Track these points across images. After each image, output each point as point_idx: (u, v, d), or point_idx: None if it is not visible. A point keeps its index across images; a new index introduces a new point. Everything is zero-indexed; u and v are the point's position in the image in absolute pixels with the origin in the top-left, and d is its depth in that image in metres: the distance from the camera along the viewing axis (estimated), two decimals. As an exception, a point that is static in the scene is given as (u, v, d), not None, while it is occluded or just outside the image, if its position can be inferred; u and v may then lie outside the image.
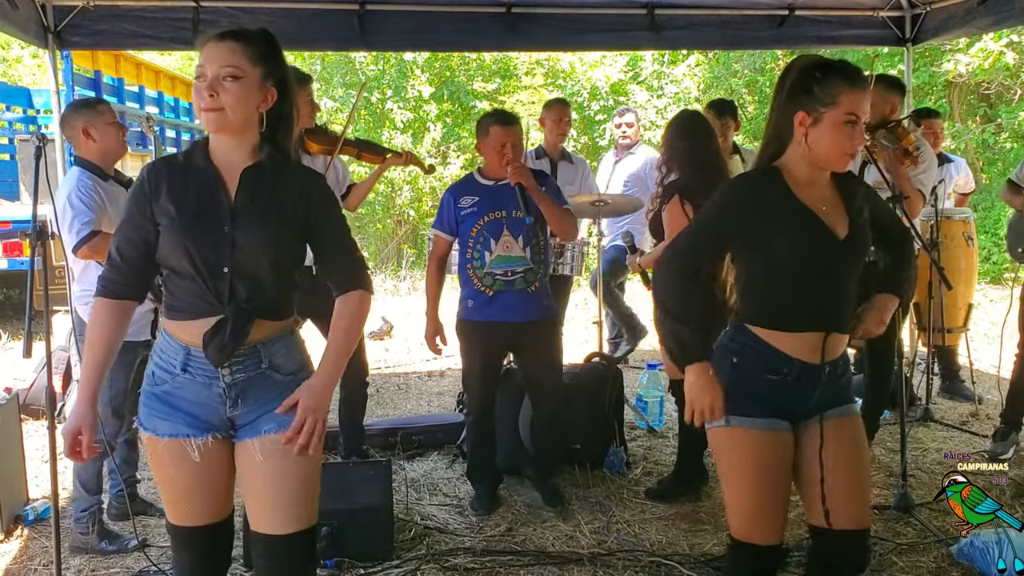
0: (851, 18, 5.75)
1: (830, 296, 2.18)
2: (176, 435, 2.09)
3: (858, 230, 2.21)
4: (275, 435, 2.08)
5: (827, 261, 2.17)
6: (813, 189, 2.19)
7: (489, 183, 3.76)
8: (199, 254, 2.02)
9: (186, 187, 2.05)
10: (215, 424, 2.11)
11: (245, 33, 2.04)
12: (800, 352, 2.18)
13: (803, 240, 2.16)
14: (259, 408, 2.11)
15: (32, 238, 2.95)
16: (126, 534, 3.59)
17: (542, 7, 5.34)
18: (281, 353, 2.14)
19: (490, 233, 3.68)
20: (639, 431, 5.00)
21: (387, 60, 13.82)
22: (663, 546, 3.51)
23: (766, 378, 2.20)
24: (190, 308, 2.06)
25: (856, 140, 2.12)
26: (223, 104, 1.98)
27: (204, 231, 2.03)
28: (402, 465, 4.43)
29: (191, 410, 2.09)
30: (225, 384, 2.08)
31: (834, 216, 2.19)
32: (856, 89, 2.12)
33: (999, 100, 12.76)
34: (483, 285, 3.72)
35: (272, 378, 2.12)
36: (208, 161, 2.07)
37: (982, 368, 5.60)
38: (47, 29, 4.95)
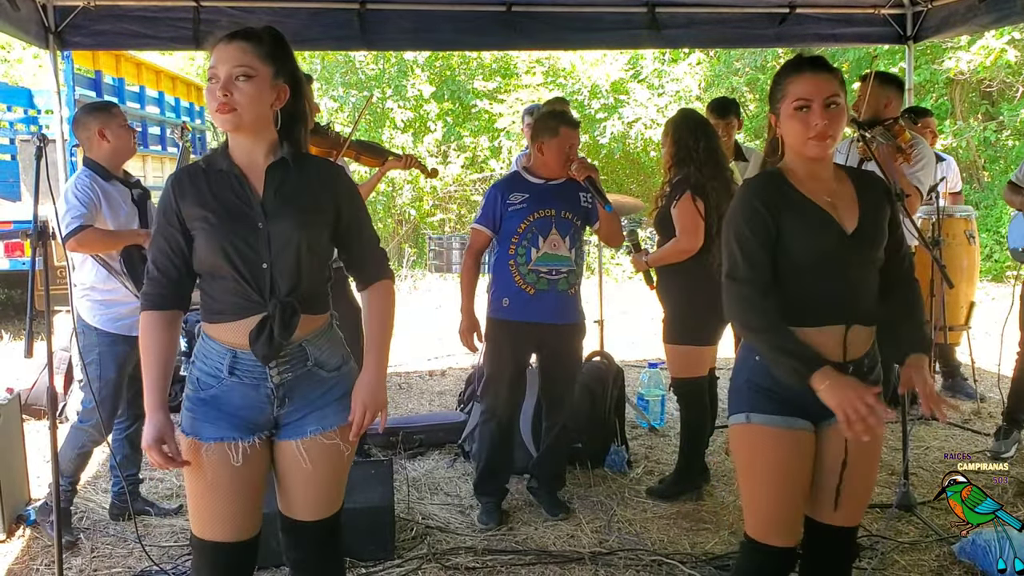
0: (852, 16, 5.74)
1: (846, 288, 2.16)
2: (221, 438, 2.08)
3: (869, 223, 2.19)
4: (320, 436, 2.12)
5: (837, 254, 2.15)
6: (816, 183, 2.19)
7: (539, 181, 3.71)
8: (237, 253, 2.04)
9: (212, 190, 2.07)
10: (260, 425, 2.12)
11: (254, 32, 2.05)
12: (822, 348, 2.14)
13: (812, 233, 2.15)
14: (305, 407, 2.13)
15: (33, 238, 2.95)
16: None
17: (542, 6, 5.34)
18: (325, 349, 2.16)
19: (539, 230, 3.63)
20: (640, 430, 5.01)
21: (387, 59, 13.83)
22: (664, 545, 3.50)
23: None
24: (231, 308, 2.07)
25: (813, 121, 2.10)
26: (236, 104, 1.99)
27: (239, 230, 2.04)
28: (403, 464, 4.43)
29: (238, 413, 2.10)
30: (273, 384, 2.09)
31: (843, 209, 2.18)
32: (801, 74, 2.13)
33: (1001, 98, 12.75)
34: (525, 283, 3.65)
35: (318, 375, 2.14)
36: (230, 162, 2.08)
37: (983, 366, 5.60)
38: (48, 29, 4.96)
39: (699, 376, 3.98)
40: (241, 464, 2.09)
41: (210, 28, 5.08)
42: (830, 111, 2.10)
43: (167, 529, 3.72)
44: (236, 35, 2.03)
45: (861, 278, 2.19)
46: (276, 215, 2.06)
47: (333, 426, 2.13)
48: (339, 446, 2.14)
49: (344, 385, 2.17)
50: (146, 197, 3.67)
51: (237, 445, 2.09)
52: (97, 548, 3.56)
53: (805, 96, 2.11)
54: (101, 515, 3.87)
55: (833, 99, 2.11)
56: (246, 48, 2.01)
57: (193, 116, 11.06)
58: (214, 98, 2.00)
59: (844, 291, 2.16)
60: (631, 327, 7.60)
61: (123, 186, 3.57)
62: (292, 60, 2.11)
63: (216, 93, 1.99)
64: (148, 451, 2.06)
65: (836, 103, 2.11)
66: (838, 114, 2.12)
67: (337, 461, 2.17)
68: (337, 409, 2.14)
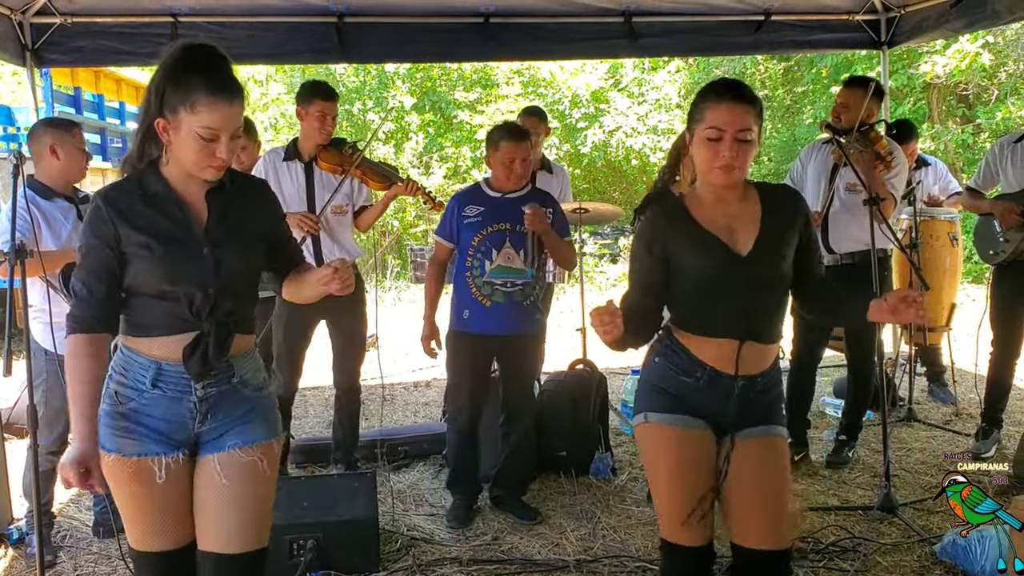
0: (827, 22, 5.79)
1: (740, 307, 2.21)
2: (145, 454, 2.06)
3: (765, 243, 2.21)
4: (238, 451, 2.10)
5: (729, 277, 2.20)
6: (717, 206, 2.24)
7: (496, 195, 3.77)
8: (181, 279, 2.03)
9: (151, 214, 2.04)
10: (182, 441, 2.10)
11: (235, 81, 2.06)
12: (715, 359, 2.23)
13: (702, 260, 2.22)
14: (226, 423, 2.12)
15: (11, 256, 2.95)
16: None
17: (519, 17, 5.36)
18: (249, 368, 2.18)
19: (492, 244, 3.70)
20: (625, 437, 5.02)
21: (367, 71, 13.85)
22: (649, 551, 3.51)
23: (680, 379, 2.26)
24: (162, 324, 2.06)
25: (721, 152, 2.13)
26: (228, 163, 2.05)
27: (183, 257, 2.03)
28: (387, 476, 4.42)
29: (159, 427, 2.08)
30: (196, 398, 2.08)
31: (740, 232, 2.22)
32: (721, 103, 2.14)
33: (977, 101, 12.89)
34: (481, 294, 3.72)
35: (241, 393, 2.15)
36: (165, 186, 2.06)
37: (964, 367, 5.65)
38: (24, 47, 4.93)
39: None
40: (165, 480, 2.07)
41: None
42: (740, 144, 2.13)
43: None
44: (237, 92, 2.00)
45: (755, 297, 2.22)
46: (222, 243, 2.07)
47: (253, 442, 2.11)
48: (257, 463, 2.11)
49: (266, 404, 2.20)
50: None
51: (160, 460, 2.07)
52: (80, 566, 3.54)
53: (719, 126, 2.13)
54: (84, 532, 3.85)
55: (745, 132, 2.13)
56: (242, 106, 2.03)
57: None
58: (211, 157, 1.99)
59: (737, 309, 2.20)
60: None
61: (67, 202, 3.51)
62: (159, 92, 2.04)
63: (216, 154, 1.99)
64: (63, 470, 1.99)
65: (747, 138, 2.14)
66: (747, 148, 2.15)
67: (256, 480, 2.11)
68: (258, 426, 2.14)
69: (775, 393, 2.33)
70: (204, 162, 2.00)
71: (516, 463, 3.99)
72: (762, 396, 2.28)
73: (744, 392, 2.24)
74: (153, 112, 2.00)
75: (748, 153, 2.16)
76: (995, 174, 4.45)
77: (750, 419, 2.26)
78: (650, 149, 13.56)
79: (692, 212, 2.25)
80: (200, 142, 1.97)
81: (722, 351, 2.22)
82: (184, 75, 1.95)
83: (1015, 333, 4.36)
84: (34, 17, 4.93)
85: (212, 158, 1.99)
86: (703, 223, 2.23)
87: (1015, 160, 4.30)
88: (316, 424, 5.45)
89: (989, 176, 4.50)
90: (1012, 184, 4.32)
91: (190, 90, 1.94)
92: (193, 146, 1.98)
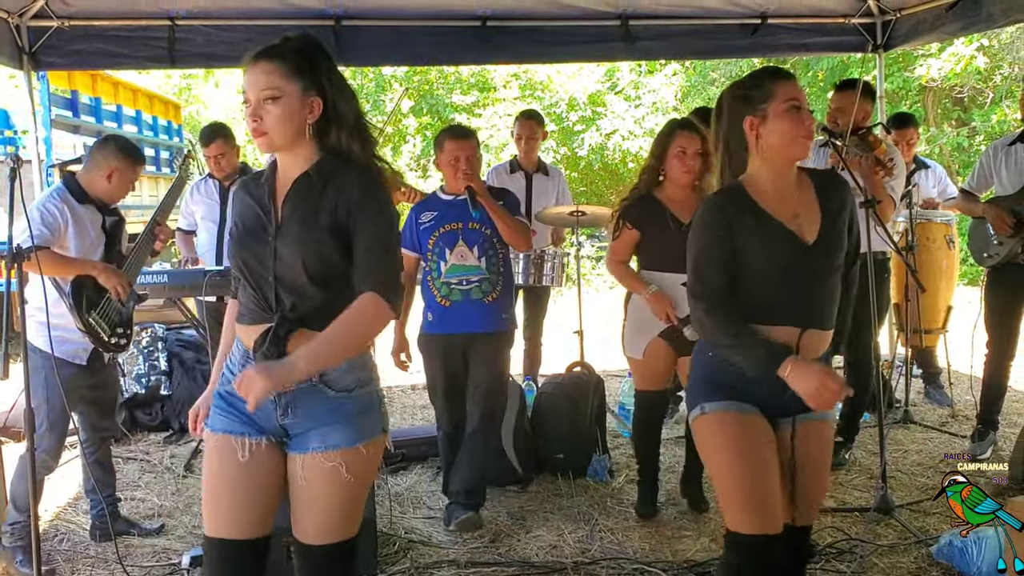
0: (823, 25, 5.81)
1: (805, 295, 2.23)
2: (229, 431, 2.09)
3: (829, 232, 2.25)
4: (319, 455, 2.06)
5: (798, 266, 2.22)
6: (780, 196, 2.25)
7: (449, 198, 3.82)
8: (248, 265, 2.09)
9: (250, 201, 2.14)
10: (268, 429, 2.11)
11: (278, 49, 2.04)
12: None
13: (773, 250, 2.22)
14: (309, 422, 2.09)
15: (8, 259, 2.94)
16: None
17: (517, 20, 5.37)
18: (336, 368, 2.07)
19: (445, 243, 3.74)
20: (622, 439, 5.02)
21: (364, 74, 13.85)
22: (647, 553, 3.52)
23: (739, 371, 2.25)
24: (249, 314, 2.12)
25: (806, 122, 2.21)
26: (267, 128, 2.01)
27: (253, 242, 2.09)
28: (385, 479, 4.42)
29: (248, 411, 2.06)
30: (276, 392, 2.06)
31: (805, 220, 2.24)
32: (787, 80, 2.24)
33: (972, 104, 12.91)
34: (440, 295, 3.77)
35: (325, 393, 2.07)
36: (271, 173, 2.13)
37: (960, 369, 5.66)
38: (22, 50, 4.94)
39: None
40: (247, 460, 2.08)
41: (185, 46, 5.10)
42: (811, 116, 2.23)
43: (148, 549, 3.70)
44: (261, 55, 2.03)
45: (819, 285, 2.24)
46: (285, 230, 2.06)
47: (335, 447, 2.05)
48: (338, 469, 2.06)
49: (354, 407, 2.09)
50: (119, 225, 3.64)
51: (244, 441, 2.08)
52: (77, 571, 3.54)
53: (796, 96, 2.21)
54: (82, 536, 3.85)
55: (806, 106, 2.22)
56: (270, 69, 2.01)
57: (171, 134, 11.03)
58: (249, 122, 2.03)
59: (801, 298, 2.22)
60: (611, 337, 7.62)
61: (96, 211, 3.53)
62: (321, 70, 2.07)
63: (249, 118, 2.02)
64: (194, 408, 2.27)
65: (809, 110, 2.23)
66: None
67: (335, 485, 2.08)
68: (342, 429, 2.07)
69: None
70: (249, 126, 2.04)
71: (462, 467, 3.84)
72: None
73: None
74: None
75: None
76: (989, 177, 4.48)
77: (803, 406, 2.22)
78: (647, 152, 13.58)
79: (757, 200, 2.25)
80: (245, 107, 2.02)
81: (783, 338, 2.21)
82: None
83: (1009, 335, 4.39)
84: (31, 20, 4.93)
85: (248, 122, 2.03)
86: (770, 211, 2.24)
87: (1009, 163, 4.32)
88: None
89: (983, 179, 4.52)
90: (1006, 187, 4.34)
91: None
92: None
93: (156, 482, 4.59)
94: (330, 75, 2.08)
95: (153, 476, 4.69)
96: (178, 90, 16.96)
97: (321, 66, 2.08)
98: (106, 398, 3.74)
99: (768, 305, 2.24)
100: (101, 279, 3.38)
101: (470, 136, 3.83)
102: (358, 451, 2.08)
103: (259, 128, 2.01)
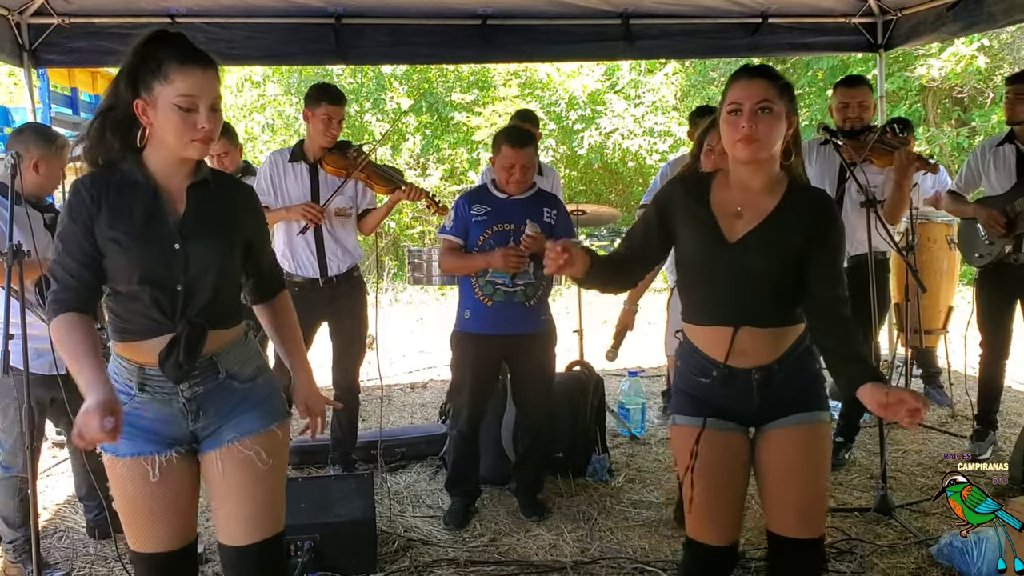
0: (823, 25, 5.82)
1: (731, 293, 2.21)
2: (138, 453, 2.07)
3: (760, 238, 2.18)
4: (236, 445, 2.09)
5: (717, 262, 2.21)
6: (736, 190, 2.24)
7: (502, 196, 3.76)
8: (150, 272, 2.01)
9: (128, 204, 2.01)
10: (178, 439, 2.11)
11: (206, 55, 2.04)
12: (713, 350, 2.23)
13: (692, 239, 2.26)
14: (220, 418, 2.12)
15: (8, 257, 2.93)
16: (57, 563, 3.54)
17: (517, 19, 5.38)
18: (237, 361, 2.15)
19: (496, 243, 3.67)
20: (621, 438, 5.02)
21: (364, 73, 13.84)
22: (646, 552, 3.52)
23: (699, 380, 2.27)
24: (140, 328, 2.05)
25: (740, 124, 2.13)
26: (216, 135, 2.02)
27: (153, 249, 2.01)
28: (385, 477, 4.42)
29: (152, 427, 2.08)
30: (184, 399, 2.08)
31: (743, 221, 2.20)
32: (738, 81, 2.19)
33: (972, 104, 12.91)
34: (483, 294, 3.72)
35: (231, 387, 2.13)
36: (146, 177, 2.04)
37: (960, 369, 5.66)
38: (22, 47, 4.95)
39: None
40: (159, 479, 2.07)
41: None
42: (760, 116, 2.12)
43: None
44: (210, 62, 2.00)
45: (745, 286, 2.19)
46: (195, 237, 2.04)
47: (249, 433, 2.10)
48: (256, 455, 2.10)
49: (260, 393, 2.16)
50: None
51: (153, 459, 2.07)
52: (77, 568, 3.53)
53: (736, 100, 2.16)
54: (80, 534, 3.84)
55: (765, 104, 2.12)
56: (216, 77, 2.01)
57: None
58: (193, 129, 1.97)
59: (728, 296, 2.21)
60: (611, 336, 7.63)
61: (34, 210, 3.29)
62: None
63: (198, 125, 1.97)
64: (85, 418, 1.81)
65: (768, 108, 2.12)
66: (770, 120, 2.13)
67: (257, 473, 2.10)
68: (253, 417, 2.12)
69: (805, 377, 2.25)
70: (187, 135, 1.97)
71: (527, 465, 4.02)
72: (788, 383, 2.22)
73: (763, 384, 2.20)
74: (126, 98, 1.99)
75: (771, 126, 2.13)
76: (977, 177, 4.47)
77: (779, 410, 2.22)
78: (646, 151, 13.56)
79: (712, 192, 2.26)
80: (179, 113, 1.95)
81: (717, 338, 2.21)
82: (153, 51, 1.97)
83: (1002, 334, 4.39)
84: (31, 18, 4.94)
85: (194, 130, 1.97)
86: (714, 204, 2.24)
87: (998, 163, 4.32)
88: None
89: (971, 179, 4.51)
90: (995, 187, 4.34)
91: (161, 62, 1.95)
92: (173, 119, 1.96)
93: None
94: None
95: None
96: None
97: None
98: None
99: (700, 303, 2.28)
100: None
101: (528, 144, 3.71)
102: (273, 434, 2.15)
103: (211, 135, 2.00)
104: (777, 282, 2.20)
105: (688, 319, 2.31)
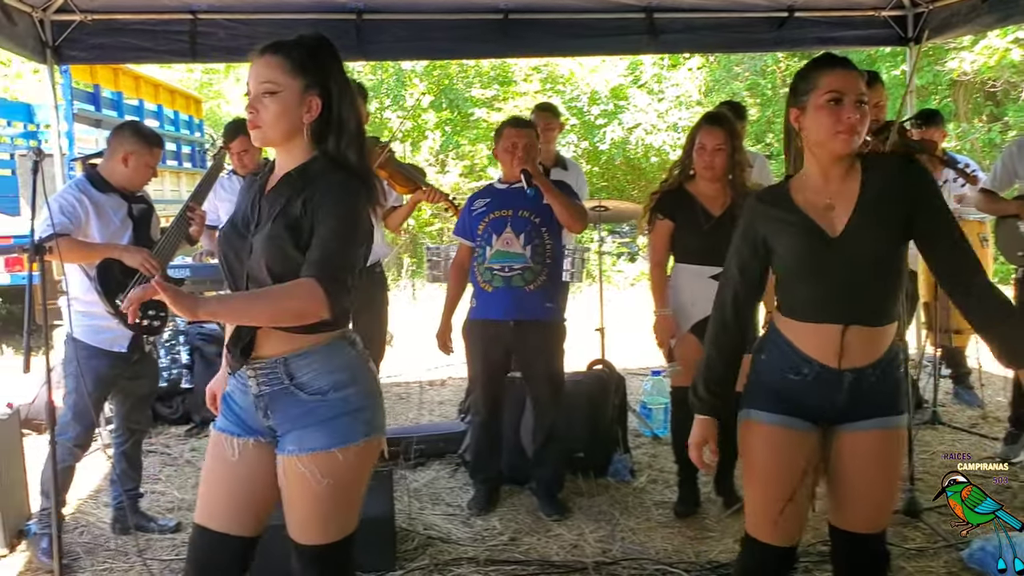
0: (852, 19, 5.71)
1: (840, 290, 2.13)
2: (224, 430, 2.12)
3: (859, 224, 2.13)
4: (293, 458, 2.02)
5: (820, 259, 2.15)
6: (820, 188, 2.17)
7: (503, 186, 3.88)
8: (227, 259, 2.09)
9: (243, 197, 2.16)
10: (258, 429, 2.10)
11: (284, 45, 2.02)
12: (818, 350, 2.14)
13: (792, 242, 2.17)
14: (287, 423, 2.05)
15: (31, 252, 2.94)
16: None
17: (539, 13, 5.33)
18: (306, 370, 2.02)
19: (493, 229, 3.78)
20: (644, 438, 4.97)
21: (385, 69, 13.85)
22: (669, 554, 3.47)
23: (787, 376, 2.19)
24: None
25: (844, 115, 2.07)
26: (261, 121, 1.99)
27: (234, 237, 2.08)
28: (404, 475, 4.40)
29: (238, 411, 2.11)
30: (254, 394, 2.07)
31: (838, 212, 2.14)
32: (835, 69, 2.12)
33: (1005, 98, 12.70)
34: (483, 280, 3.82)
35: (297, 396, 2.02)
36: (267, 171, 2.12)
37: (991, 370, 5.56)
38: (45, 44, 4.95)
39: None
40: (237, 459, 2.08)
41: (206, 40, 5.10)
42: (860, 108, 2.09)
43: (168, 543, 3.69)
44: (267, 48, 2.01)
45: (853, 280, 2.13)
46: (259, 227, 2.02)
47: (309, 450, 2.00)
48: (312, 474, 2.00)
49: (328, 411, 2.02)
50: (149, 212, 3.61)
51: (232, 440, 2.09)
52: (97, 563, 3.53)
53: (839, 88, 2.08)
54: (102, 529, 3.84)
55: (863, 97, 2.10)
56: (274, 63, 1.99)
57: (192, 129, 11.07)
58: (247, 113, 2.02)
59: (836, 294, 2.14)
60: (633, 335, 7.57)
61: (121, 199, 3.52)
62: (327, 70, 2.03)
63: (247, 109, 2.01)
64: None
65: (865, 102, 2.10)
66: (865, 114, 2.10)
67: (308, 488, 2.01)
68: (315, 435, 2.00)
69: (891, 381, 2.19)
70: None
71: (541, 460, 4.00)
72: (877, 387, 2.16)
73: (854, 387, 2.15)
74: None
75: (867, 120, 2.10)
76: (1012, 175, 4.37)
77: (860, 413, 2.17)
78: (670, 146, 13.49)
79: (793, 195, 2.19)
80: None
81: (826, 336, 2.13)
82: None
83: None
84: (54, 15, 4.95)
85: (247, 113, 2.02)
86: (802, 206, 2.17)
87: None
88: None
89: (1006, 177, 4.41)
90: None
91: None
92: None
93: (176, 475, 4.59)
94: (336, 78, 2.04)
95: (174, 469, 4.70)
96: (199, 85, 17.04)
97: (327, 67, 2.04)
98: (141, 390, 3.75)
99: (805, 300, 2.18)
100: (126, 259, 3.36)
101: (529, 125, 3.93)
102: (333, 456, 2.00)
103: (254, 121, 1.99)
104: (885, 271, 2.15)
105: (790, 315, 2.20)
